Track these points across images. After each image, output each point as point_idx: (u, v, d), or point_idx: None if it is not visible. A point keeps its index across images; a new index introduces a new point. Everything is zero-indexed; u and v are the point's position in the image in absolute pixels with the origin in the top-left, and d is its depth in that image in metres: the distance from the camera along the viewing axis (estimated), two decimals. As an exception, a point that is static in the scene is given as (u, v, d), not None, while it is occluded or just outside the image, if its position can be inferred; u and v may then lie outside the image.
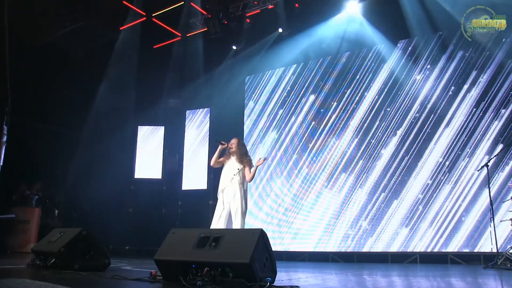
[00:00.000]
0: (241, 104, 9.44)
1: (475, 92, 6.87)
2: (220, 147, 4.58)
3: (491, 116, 6.67)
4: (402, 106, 7.49)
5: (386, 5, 7.58)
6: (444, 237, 6.62)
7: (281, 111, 8.85)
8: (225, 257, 2.67)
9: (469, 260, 6.38)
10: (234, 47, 8.98)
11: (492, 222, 5.28)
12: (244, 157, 4.55)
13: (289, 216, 8.16)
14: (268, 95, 9.13)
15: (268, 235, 2.86)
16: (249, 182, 4.57)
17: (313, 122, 8.36)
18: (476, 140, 6.72)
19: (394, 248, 7.01)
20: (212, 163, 4.64)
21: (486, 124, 6.69)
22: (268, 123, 8.96)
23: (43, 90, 8.20)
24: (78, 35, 8.13)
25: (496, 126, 6.60)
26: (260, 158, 4.51)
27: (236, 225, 4.30)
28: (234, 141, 4.60)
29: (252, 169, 4.51)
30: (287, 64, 8.97)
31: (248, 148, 5.27)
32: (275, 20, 8.37)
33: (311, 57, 8.68)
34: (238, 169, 4.47)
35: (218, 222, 4.38)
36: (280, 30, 8.44)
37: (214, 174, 8.65)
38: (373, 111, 7.74)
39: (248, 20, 8.69)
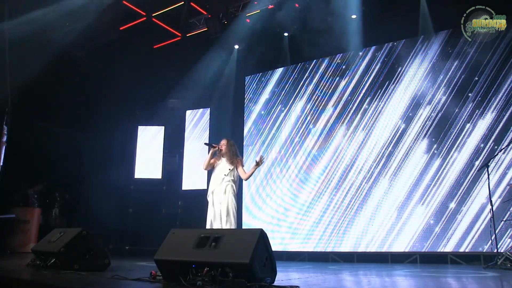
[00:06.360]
0: (241, 104, 9.45)
1: (474, 91, 6.87)
2: (211, 150, 4.53)
3: (491, 116, 6.67)
4: (402, 105, 7.49)
5: (386, 3, 7.57)
6: (444, 237, 6.62)
7: (281, 111, 8.84)
8: (225, 257, 2.67)
9: (469, 260, 6.38)
10: (236, 46, 8.96)
11: (492, 222, 5.28)
12: (234, 157, 4.48)
13: (289, 216, 8.16)
14: (268, 95, 9.13)
15: (268, 235, 2.86)
16: (245, 180, 4.61)
17: (314, 122, 8.36)
18: (476, 139, 6.71)
19: (395, 248, 7.01)
20: (204, 166, 4.55)
21: (486, 123, 6.68)
22: (268, 123, 8.96)
23: (43, 90, 8.19)
24: (78, 35, 8.13)
25: (496, 125, 6.60)
26: (262, 156, 4.40)
27: (226, 226, 4.23)
28: (223, 142, 4.54)
29: (252, 168, 4.39)
30: (287, 64, 8.97)
31: (248, 148, 5.24)
32: (275, 20, 8.37)
33: (311, 57, 8.67)
34: (229, 169, 4.41)
35: (211, 225, 4.32)
36: (286, 34, 8.45)
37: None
38: (374, 111, 7.74)
39: (248, 20, 8.68)
